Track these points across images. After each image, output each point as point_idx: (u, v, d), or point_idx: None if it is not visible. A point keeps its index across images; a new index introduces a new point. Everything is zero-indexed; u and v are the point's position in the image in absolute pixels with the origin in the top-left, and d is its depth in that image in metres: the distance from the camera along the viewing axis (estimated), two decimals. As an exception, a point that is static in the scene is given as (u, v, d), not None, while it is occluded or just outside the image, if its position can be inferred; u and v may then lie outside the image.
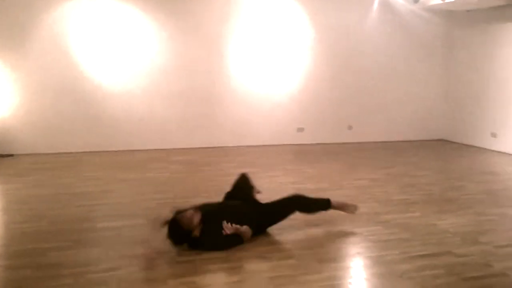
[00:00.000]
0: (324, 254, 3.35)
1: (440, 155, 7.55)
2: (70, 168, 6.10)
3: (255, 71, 7.86)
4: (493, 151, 7.84)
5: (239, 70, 7.77)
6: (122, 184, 5.30)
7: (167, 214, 3.40)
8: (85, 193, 4.90)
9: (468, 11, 8.11)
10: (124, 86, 7.25)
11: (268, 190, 5.06)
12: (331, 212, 4.29)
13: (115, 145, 7.30)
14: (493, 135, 7.94)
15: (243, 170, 5.99)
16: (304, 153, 7.48)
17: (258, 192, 4.10)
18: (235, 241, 3.40)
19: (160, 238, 3.33)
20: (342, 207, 3.98)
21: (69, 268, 3.06)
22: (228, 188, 5.13)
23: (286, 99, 8.10)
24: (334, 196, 4.85)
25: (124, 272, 3.01)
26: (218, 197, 4.75)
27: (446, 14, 8.57)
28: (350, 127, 8.57)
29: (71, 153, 7.05)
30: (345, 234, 3.79)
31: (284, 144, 8.12)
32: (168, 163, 6.46)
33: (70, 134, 7.12)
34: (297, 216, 4.16)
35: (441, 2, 7.12)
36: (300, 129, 8.28)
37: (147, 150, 7.37)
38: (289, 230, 3.83)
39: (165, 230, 3.35)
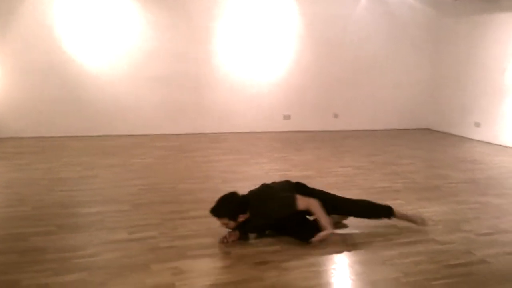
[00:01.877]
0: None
1: (424, 144, 7.62)
2: (54, 153, 6.01)
3: (242, 58, 7.80)
4: (476, 140, 7.94)
5: (227, 57, 7.70)
6: (105, 169, 5.25)
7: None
8: (68, 178, 4.84)
9: (455, 0, 8.14)
10: (109, 70, 7.13)
11: (255, 178, 5.07)
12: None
13: (99, 130, 7.21)
14: (477, 124, 8.02)
15: (229, 157, 6.03)
16: (290, 140, 7.48)
17: None
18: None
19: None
20: (407, 218, 3.59)
21: (53, 253, 3.02)
22: (211, 175, 5.15)
23: (273, 86, 8.07)
24: (319, 184, 4.87)
25: (108, 257, 2.98)
26: (203, 184, 4.75)
27: (434, 4, 8.58)
28: (336, 115, 8.59)
29: (54, 137, 6.94)
30: (330, 221, 3.80)
31: (270, 132, 8.11)
32: (152, 149, 6.40)
33: (54, 118, 7.00)
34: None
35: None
36: (287, 117, 8.27)
37: (132, 135, 7.29)
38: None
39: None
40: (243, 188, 4.62)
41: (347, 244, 3.35)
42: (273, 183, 3.60)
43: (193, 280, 2.73)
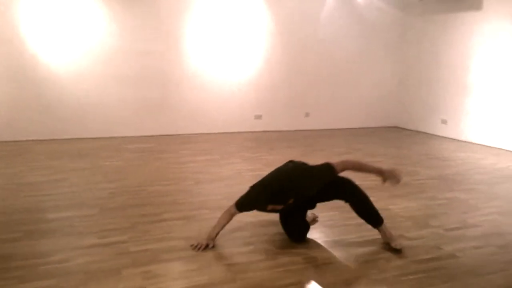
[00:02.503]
0: (281, 240, 3.36)
1: (393, 141, 7.75)
2: (20, 157, 5.83)
3: (213, 58, 7.76)
4: (443, 137, 8.13)
5: (197, 56, 7.64)
6: (73, 173, 5.12)
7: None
8: (35, 183, 4.71)
9: (420, 1, 8.31)
10: (75, 71, 6.96)
11: (227, 178, 5.06)
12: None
13: (66, 133, 7.04)
14: (443, 122, 8.22)
15: (201, 158, 5.99)
16: (262, 140, 7.48)
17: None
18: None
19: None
20: (389, 237, 3.33)
21: (20, 260, 2.93)
22: (183, 176, 5.09)
23: (244, 86, 8.06)
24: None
25: (78, 263, 2.91)
26: (175, 185, 4.70)
27: (400, 4, 8.74)
28: (307, 114, 8.65)
29: (19, 141, 6.74)
30: (302, 220, 3.81)
31: (242, 132, 8.10)
32: (122, 151, 6.29)
33: (18, 122, 6.79)
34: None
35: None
36: (258, 116, 8.27)
37: (100, 138, 7.15)
38: (247, 218, 3.81)
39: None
40: (217, 188, 4.62)
41: (320, 242, 3.37)
42: (279, 168, 3.44)
43: (166, 284, 2.69)
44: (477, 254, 3.20)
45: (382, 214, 3.31)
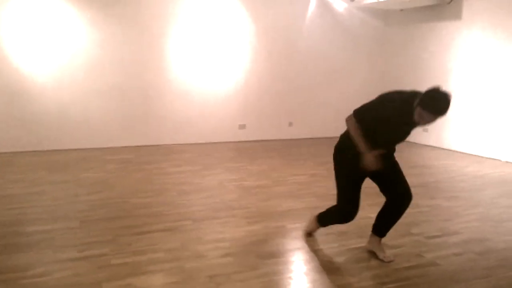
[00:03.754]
0: (263, 250, 3.36)
1: (376, 150, 7.78)
2: (-2, 170, 5.75)
3: (196, 67, 7.76)
4: (425, 145, 8.23)
5: (179, 66, 7.63)
6: (54, 185, 5.05)
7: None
8: (14, 195, 4.62)
9: (401, 10, 8.44)
10: (56, 82, 6.88)
11: (210, 188, 5.04)
12: (269, 208, 4.33)
13: (46, 144, 6.94)
14: (425, 130, 8.32)
15: (184, 169, 5.96)
16: (245, 150, 7.48)
17: None
18: None
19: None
20: (381, 248, 3.31)
21: (-1, 274, 2.88)
22: (165, 187, 5.06)
23: (227, 95, 8.07)
24: (274, 192, 4.92)
25: (57, 277, 2.86)
26: (158, 197, 4.66)
27: (381, 13, 8.86)
28: (291, 124, 8.68)
29: (0, 153, 6.65)
30: (285, 230, 3.81)
31: (225, 142, 8.08)
32: (104, 163, 6.23)
33: (-3, 134, 6.70)
34: (236, 213, 4.17)
35: (376, 1, 7.35)
36: (242, 126, 8.28)
37: (81, 149, 7.07)
38: (228, 227, 3.81)
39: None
40: (200, 199, 4.59)
41: (303, 251, 3.37)
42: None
43: (146, 297, 2.66)
44: (457, 261, 3.23)
45: (364, 222, 3.32)
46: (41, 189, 4.85)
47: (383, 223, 3.25)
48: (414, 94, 2.89)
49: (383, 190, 3.18)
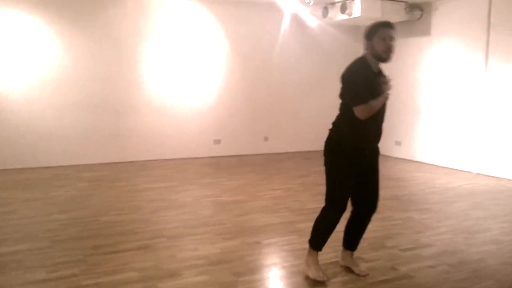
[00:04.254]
0: (239, 266, 3.32)
1: (350, 163, 7.85)
2: (-36, 189, 5.56)
3: (170, 82, 7.73)
4: (398, 158, 8.35)
5: (153, 81, 7.59)
6: (23, 204, 4.91)
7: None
8: (-20, 216, 4.48)
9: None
10: (24, 98, 6.74)
11: (185, 205, 4.98)
12: (244, 223, 4.31)
13: (16, 162, 6.75)
14: (397, 143, 8.46)
15: (158, 185, 5.89)
16: (221, 165, 7.45)
17: None
18: None
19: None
20: (355, 262, 3.31)
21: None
22: (138, 204, 4.98)
23: (202, 111, 8.04)
24: (250, 207, 4.89)
25: (23, 301, 2.77)
26: (130, 215, 4.58)
27: (353, 29, 9.02)
28: (266, 138, 8.70)
29: (-35, 172, 6.44)
30: (261, 245, 3.79)
31: (200, 157, 8.03)
32: (76, 180, 6.10)
33: (-36, 152, 6.50)
34: (211, 229, 4.12)
35: (347, 18, 7.48)
36: (217, 141, 8.25)
37: (53, 167, 6.91)
38: (203, 244, 3.76)
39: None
40: (174, 216, 4.53)
41: (279, 267, 3.35)
42: None
43: (118, 319, 2.59)
44: (431, 273, 3.26)
45: (339, 236, 3.32)
46: (11, 209, 4.72)
47: (352, 236, 3.26)
48: (359, 57, 3.06)
49: (356, 194, 3.13)
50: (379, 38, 2.92)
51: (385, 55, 2.94)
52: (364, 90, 2.87)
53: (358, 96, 2.87)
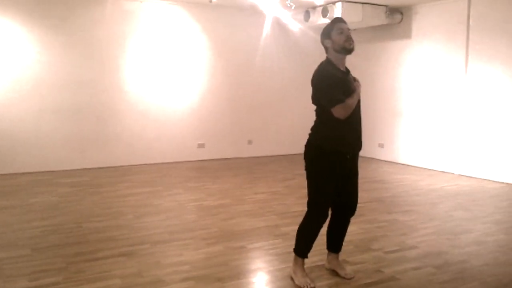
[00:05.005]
0: (224, 271, 3.28)
1: (334, 166, 7.88)
2: None
3: (153, 86, 7.66)
4: (381, 160, 8.40)
5: (135, 85, 7.51)
6: (2, 211, 4.80)
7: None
8: (-43, 224, 4.36)
9: (354, 30, 8.66)
10: (5, 102, 6.61)
11: (169, 210, 4.93)
12: (229, 228, 4.27)
13: (-4, 168, 6.64)
14: (381, 145, 8.52)
15: (141, 190, 5.81)
16: (205, 169, 7.40)
17: None
18: None
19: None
20: (340, 265, 3.30)
21: None
22: (122, 210, 4.91)
23: (185, 115, 7.99)
24: (235, 211, 4.86)
25: (2, 312, 2.69)
26: (113, 221, 4.51)
27: (335, 33, 9.07)
28: (250, 142, 8.68)
29: None
30: (246, 250, 3.76)
31: (184, 161, 7.97)
32: (56, 186, 5.99)
33: None
34: (196, 234, 4.08)
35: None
36: (201, 145, 8.20)
37: (33, 172, 6.78)
38: (188, 250, 3.71)
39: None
40: (158, 221, 4.47)
41: (265, 271, 3.33)
42: None
43: (101, 328, 2.53)
44: (416, 275, 3.27)
45: (324, 239, 3.31)
46: (-12, 216, 4.61)
47: (334, 238, 3.26)
48: (323, 60, 3.16)
49: (335, 198, 3.10)
50: (337, 32, 2.99)
51: (347, 44, 3.00)
52: (337, 90, 2.92)
53: (334, 97, 2.91)
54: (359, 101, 3.09)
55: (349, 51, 3.03)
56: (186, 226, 4.36)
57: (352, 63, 8.92)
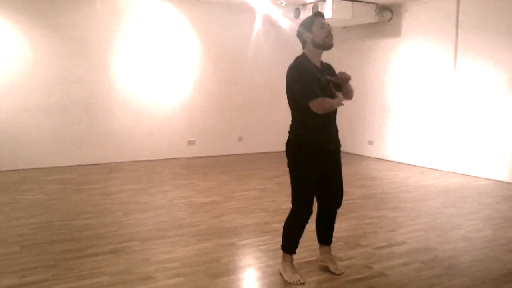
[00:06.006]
0: (214, 268, 3.28)
1: (324, 163, 7.91)
2: None
3: (142, 83, 7.62)
4: (371, 157, 8.45)
5: (124, 81, 7.46)
6: (-10, 209, 4.76)
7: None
8: None
9: (344, 28, 8.69)
10: (-7, 100, 6.56)
11: (158, 207, 4.91)
12: (219, 224, 4.27)
13: (-17, 165, 6.57)
14: (370, 143, 8.56)
15: (130, 187, 5.78)
16: (195, 166, 7.38)
17: None
18: None
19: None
20: (331, 259, 3.30)
21: None
22: (110, 207, 4.89)
23: (176, 111, 7.96)
24: (225, 208, 4.86)
25: (-10, 310, 2.66)
26: (102, 218, 4.49)
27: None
28: (240, 139, 8.67)
29: None
30: (236, 246, 3.76)
31: (174, 158, 7.95)
32: (45, 183, 5.94)
33: None
34: (186, 231, 4.07)
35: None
36: (191, 142, 8.18)
37: (21, 169, 6.72)
38: (178, 246, 3.71)
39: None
40: (147, 218, 4.46)
41: (254, 268, 3.33)
42: None
43: (90, 325, 2.52)
44: (405, 271, 3.29)
45: (312, 236, 3.32)
46: (-25, 214, 4.55)
47: (323, 231, 3.28)
48: (298, 55, 3.18)
49: (320, 192, 3.14)
50: (318, 27, 2.99)
51: (328, 39, 3.01)
52: (312, 85, 2.90)
53: (310, 91, 2.88)
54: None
55: (329, 46, 3.04)
56: (176, 223, 4.35)
57: (342, 60, 9.01)
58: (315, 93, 2.86)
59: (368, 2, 7.60)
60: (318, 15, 3.07)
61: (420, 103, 7.61)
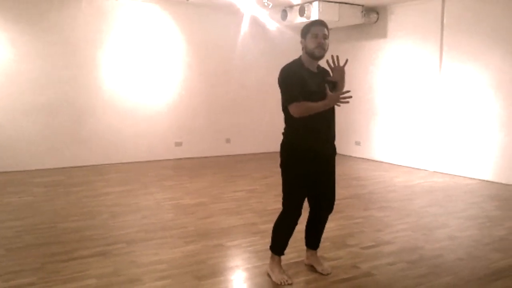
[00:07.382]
0: (202, 270, 3.28)
1: (312, 164, 7.93)
2: None
3: (129, 84, 7.58)
4: (358, 158, 8.50)
5: (111, 83, 7.42)
6: (-26, 212, 4.69)
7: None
8: None
9: (330, 29, 8.73)
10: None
11: (146, 209, 4.89)
12: (207, 226, 4.27)
13: (-33, 168, 6.48)
14: (357, 143, 8.62)
15: (117, 189, 5.75)
16: (182, 167, 7.36)
17: None
18: None
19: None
20: (318, 260, 3.32)
21: None
22: (97, 210, 4.85)
23: (163, 113, 7.94)
24: (213, 209, 4.86)
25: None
26: (89, 220, 4.45)
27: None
28: (228, 140, 8.67)
29: None
30: (223, 248, 3.76)
31: (162, 160, 7.92)
32: (31, 186, 5.88)
33: None
34: (173, 233, 4.06)
35: (306, 21, 7.55)
36: (178, 143, 8.15)
37: (6, 172, 6.64)
38: (165, 248, 3.69)
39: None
40: (134, 220, 4.43)
41: (242, 269, 3.33)
42: None
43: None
44: (391, 270, 3.32)
45: (300, 236, 3.34)
46: (-41, 217, 4.49)
47: (312, 235, 3.29)
48: (294, 60, 3.16)
49: (311, 196, 3.16)
50: (312, 36, 3.01)
51: (317, 51, 3.01)
52: (295, 88, 2.90)
53: (290, 94, 2.90)
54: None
55: (317, 58, 3.05)
56: (163, 225, 4.33)
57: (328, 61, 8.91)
58: (295, 96, 2.87)
59: (355, 4, 7.66)
60: (316, 23, 3.07)
61: (407, 104, 7.68)
